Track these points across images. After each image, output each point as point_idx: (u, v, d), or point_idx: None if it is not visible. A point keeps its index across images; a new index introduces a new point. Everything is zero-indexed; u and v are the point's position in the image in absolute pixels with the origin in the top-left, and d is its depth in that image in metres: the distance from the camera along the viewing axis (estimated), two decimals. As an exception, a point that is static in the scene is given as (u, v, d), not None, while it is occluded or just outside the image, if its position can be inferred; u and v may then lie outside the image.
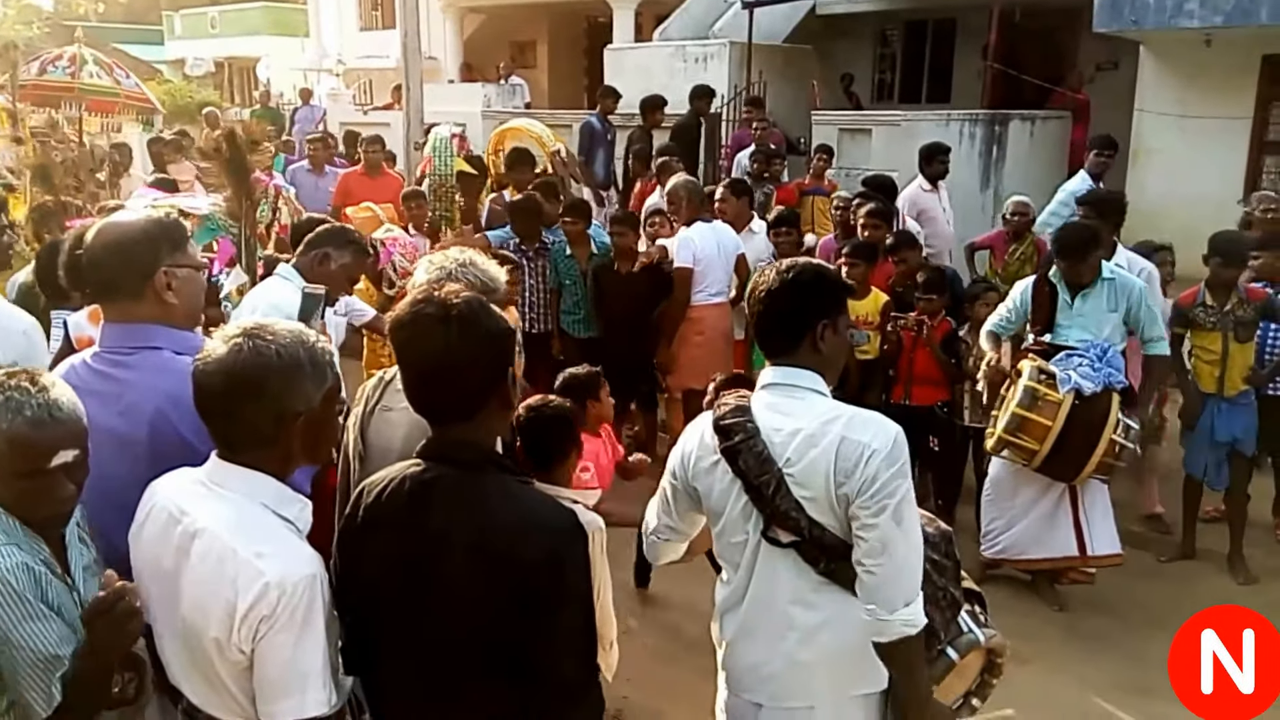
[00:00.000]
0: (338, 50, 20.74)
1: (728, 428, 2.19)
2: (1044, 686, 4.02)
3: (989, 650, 2.43)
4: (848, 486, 2.03)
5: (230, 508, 1.75)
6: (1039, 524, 4.56)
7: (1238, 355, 4.80)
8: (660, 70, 12.63)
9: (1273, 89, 9.99)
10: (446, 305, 1.78)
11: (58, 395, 1.80)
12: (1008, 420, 4.30)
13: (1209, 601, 4.56)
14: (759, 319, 2.25)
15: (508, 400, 1.86)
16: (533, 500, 1.82)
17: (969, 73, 13.20)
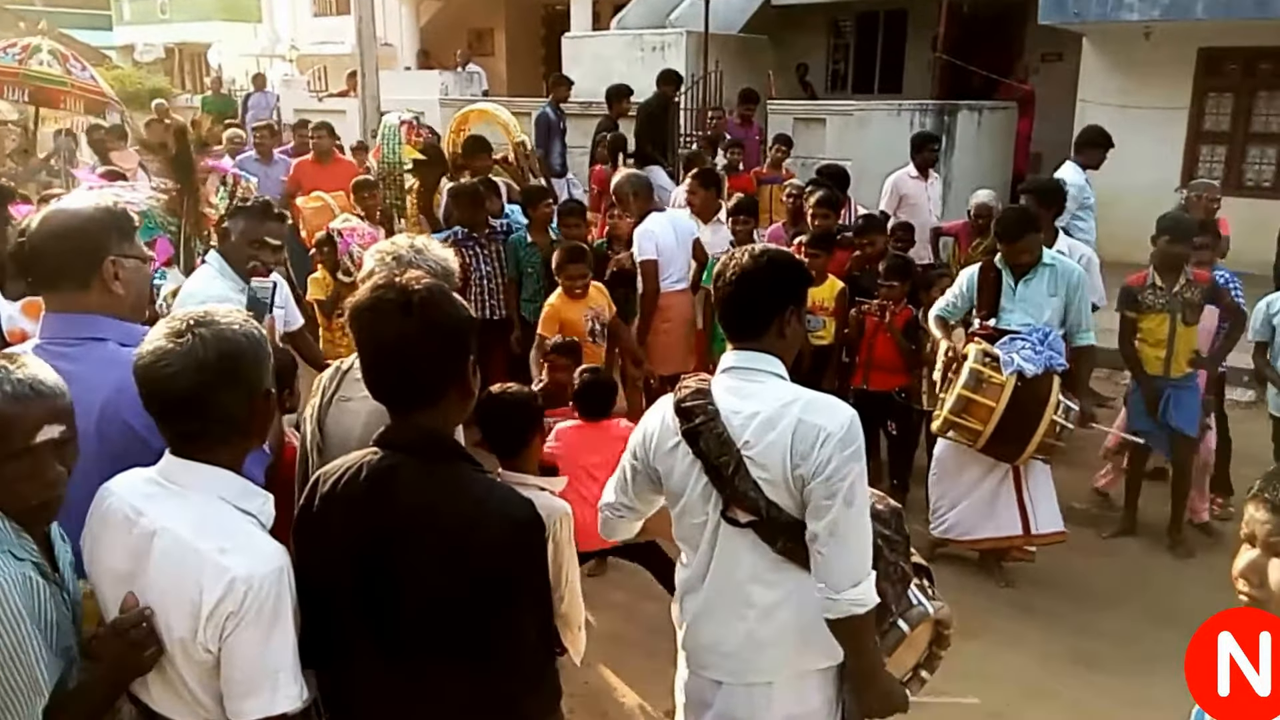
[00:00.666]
0: (291, 36, 20.47)
1: (689, 410, 2.23)
2: (991, 661, 4.15)
3: (937, 622, 2.51)
4: (804, 468, 2.08)
5: (189, 505, 1.71)
6: (984, 504, 4.71)
7: (1184, 338, 4.90)
8: (618, 59, 12.69)
9: (1208, 80, 10.33)
10: (407, 291, 1.75)
11: (37, 371, 1.71)
12: (954, 402, 4.41)
13: (1151, 576, 4.86)
14: (727, 302, 2.27)
15: (468, 389, 1.84)
16: (491, 490, 1.80)
17: (920, 63, 13.44)
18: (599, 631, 3.97)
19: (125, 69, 22.41)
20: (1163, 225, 4.99)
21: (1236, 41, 9.89)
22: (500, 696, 1.76)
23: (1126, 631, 4.38)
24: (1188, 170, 10.43)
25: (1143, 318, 4.96)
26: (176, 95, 18.79)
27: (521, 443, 2.96)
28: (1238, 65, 10.27)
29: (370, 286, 1.81)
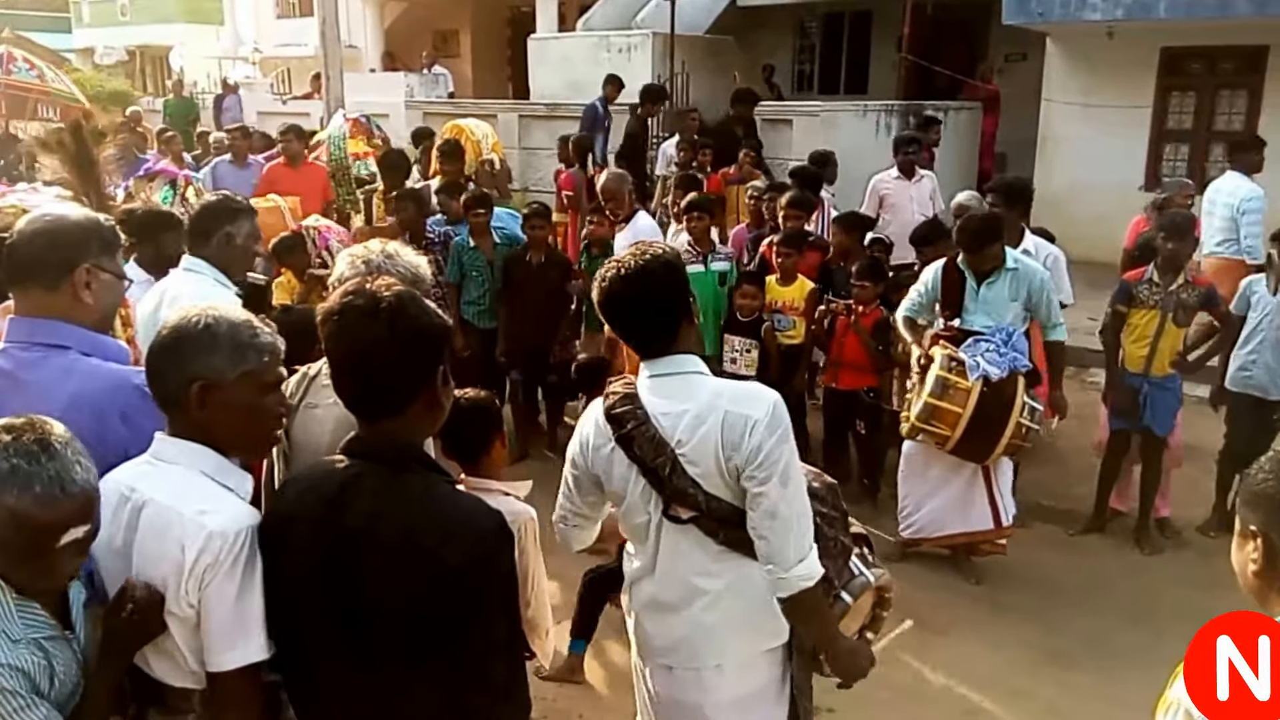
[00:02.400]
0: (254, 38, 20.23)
1: (618, 416, 2.26)
2: (961, 656, 4.17)
3: (879, 588, 2.59)
4: (736, 458, 2.13)
5: (173, 476, 1.82)
6: (956, 499, 4.72)
7: (1169, 337, 4.92)
8: (583, 60, 12.64)
9: (1171, 79, 10.44)
10: (376, 298, 1.75)
11: (69, 461, 1.63)
12: (920, 409, 4.42)
13: (1118, 573, 4.88)
14: (626, 321, 2.27)
15: (437, 398, 1.82)
16: (458, 501, 1.79)
17: (885, 64, 13.49)
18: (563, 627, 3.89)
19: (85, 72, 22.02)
20: (1167, 227, 4.99)
21: (1198, 41, 10.00)
22: (471, 707, 1.75)
23: (1096, 629, 4.39)
24: (1151, 168, 10.53)
25: (1132, 312, 4.97)
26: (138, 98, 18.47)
27: (482, 448, 2.93)
28: (1200, 64, 10.39)
29: (340, 292, 1.80)
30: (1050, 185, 9.97)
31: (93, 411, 2.04)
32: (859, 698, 3.68)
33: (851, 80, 14.59)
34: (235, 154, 8.70)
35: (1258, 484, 1.58)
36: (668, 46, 11.80)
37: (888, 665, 3.72)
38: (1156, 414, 5.00)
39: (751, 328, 5.53)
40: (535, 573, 2.80)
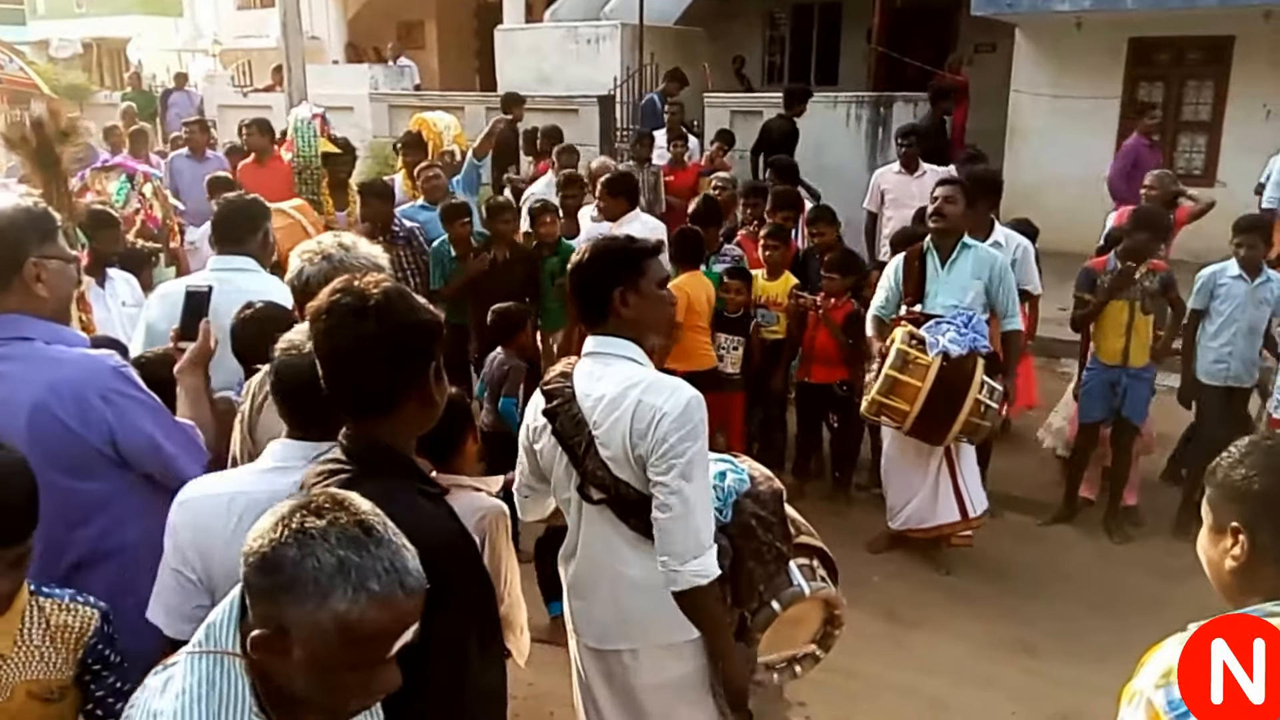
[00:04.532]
0: (213, 30, 19.89)
1: (550, 392, 2.37)
2: (934, 648, 4.17)
3: (826, 603, 2.55)
4: (641, 447, 2.18)
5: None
6: (929, 494, 4.73)
7: (1142, 327, 4.93)
8: (552, 51, 12.53)
9: (1139, 70, 10.48)
10: (365, 295, 1.71)
11: (398, 545, 1.30)
12: (881, 382, 4.42)
13: (1086, 562, 4.87)
14: (570, 295, 2.41)
15: (428, 397, 1.79)
16: (415, 510, 1.70)
17: (855, 55, 13.49)
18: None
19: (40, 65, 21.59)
20: (1137, 218, 5.01)
21: (1166, 31, 10.04)
22: (446, 711, 1.74)
23: (1064, 617, 4.40)
24: (1120, 159, 10.56)
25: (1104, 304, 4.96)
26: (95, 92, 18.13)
27: (453, 445, 2.85)
28: (1167, 55, 10.44)
29: (329, 290, 1.76)
30: (1019, 176, 9.97)
31: (73, 396, 2.11)
32: (831, 690, 3.68)
33: (822, 72, 14.56)
34: (193, 147, 8.52)
35: (1239, 478, 1.55)
36: (637, 37, 11.71)
37: (860, 658, 3.72)
38: (1133, 404, 5.01)
39: (737, 323, 5.46)
40: (508, 568, 2.74)
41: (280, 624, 1.23)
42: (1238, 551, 1.53)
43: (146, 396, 2.25)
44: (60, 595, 1.93)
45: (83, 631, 1.91)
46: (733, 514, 2.45)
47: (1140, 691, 1.49)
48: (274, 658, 1.26)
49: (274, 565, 1.23)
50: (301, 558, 1.22)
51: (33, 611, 1.87)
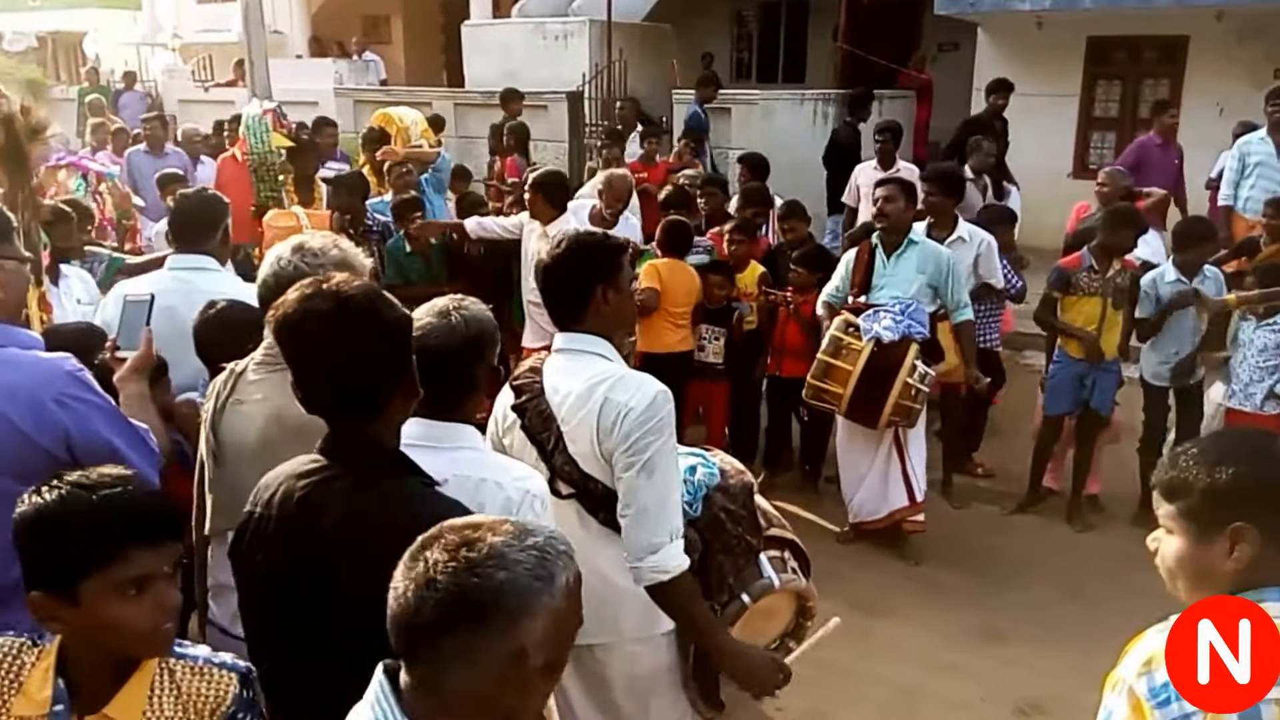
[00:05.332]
0: (173, 23, 19.54)
1: (519, 387, 2.38)
2: (902, 636, 4.24)
3: (797, 595, 2.58)
4: (608, 443, 2.20)
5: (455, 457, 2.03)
6: (879, 481, 4.84)
7: (1112, 322, 5.03)
8: (520, 47, 12.48)
9: (1097, 68, 10.68)
10: (340, 296, 1.68)
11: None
12: (815, 367, 4.63)
13: (1051, 550, 4.98)
14: (544, 291, 2.38)
15: (414, 387, 1.78)
16: (431, 503, 1.72)
17: (822, 53, 13.58)
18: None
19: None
20: (1109, 219, 5.09)
21: (1123, 30, 10.23)
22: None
23: (1030, 604, 4.49)
24: (1079, 156, 10.77)
25: (1076, 301, 5.05)
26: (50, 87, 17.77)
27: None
28: (1124, 53, 10.63)
29: (298, 295, 1.71)
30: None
31: (29, 400, 2.10)
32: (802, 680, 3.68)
33: (789, 69, 14.65)
34: (151, 143, 8.41)
35: (1228, 478, 1.50)
36: (605, 34, 11.70)
37: (831, 648, 3.76)
38: (1101, 396, 5.12)
39: (719, 316, 5.52)
40: None
41: (521, 646, 1.22)
42: (1242, 551, 1.50)
43: (102, 400, 2.24)
44: (194, 657, 1.68)
45: (219, 701, 1.65)
46: (703, 508, 2.47)
47: (1123, 679, 1.52)
48: (523, 686, 1.25)
49: (475, 603, 1.19)
50: (500, 582, 1.20)
51: (163, 677, 1.62)
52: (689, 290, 5.34)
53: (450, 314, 2.01)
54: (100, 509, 1.50)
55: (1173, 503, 1.57)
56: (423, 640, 1.22)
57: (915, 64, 11.87)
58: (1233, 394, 4.96)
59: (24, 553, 1.51)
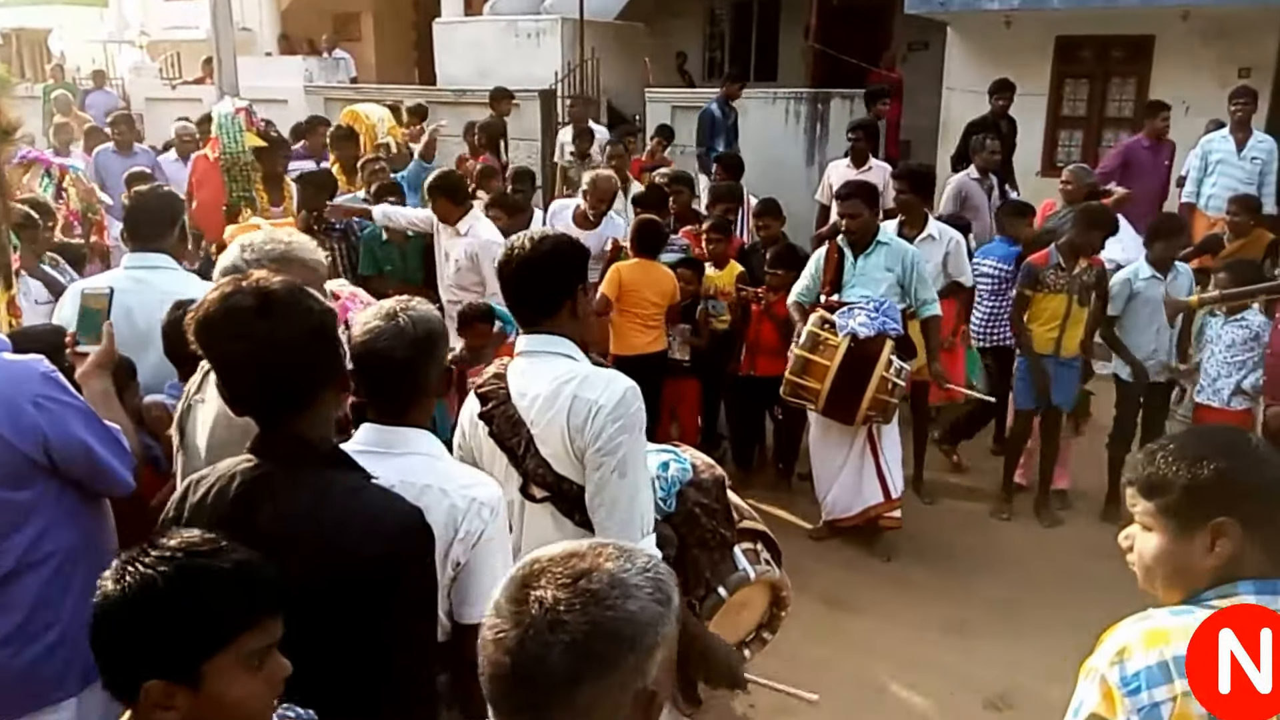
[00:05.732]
0: (140, 20, 19.29)
1: (484, 394, 2.35)
2: (872, 632, 4.28)
3: (772, 586, 2.60)
4: (579, 442, 2.19)
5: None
6: (853, 479, 4.87)
7: (1077, 319, 5.09)
8: (492, 45, 12.43)
9: (1066, 67, 10.75)
10: (263, 294, 1.66)
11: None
12: (793, 362, 4.66)
13: (1019, 544, 5.02)
14: (515, 289, 2.32)
15: (346, 381, 1.79)
16: (374, 497, 1.73)
17: (793, 52, 13.62)
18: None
19: (-44, 56, 20.80)
20: (1081, 218, 5.13)
21: (1091, 30, 10.31)
22: (387, 711, 1.71)
23: (998, 599, 4.53)
24: (1048, 154, 10.84)
25: (1042, 297, 5.09)
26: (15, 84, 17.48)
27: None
28: (1091, 52, 10.72)
29: (218, 294, 1.69)
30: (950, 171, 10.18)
31: (6, 403, 2.08)
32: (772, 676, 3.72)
33: (761, 68, 14.68)
34: (119, 143, 8.31)
35: (1211, 473, 1.51)
36: (577, 32, 11.68)
37: (802, 644, 3.80)
38: (1062, 391, 5.18)
39: (687, 312, 5.51)
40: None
41: (649, 685, 1.12)
42: (1224, 546, 1.51)
43: (77, 401, 2.22)
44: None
45: None
46: (676, 503, 2.48)
47: (1095, 668, 1.53)
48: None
49: (612, 640, 1.08)
50: (632, 613, 1.10)
51: None
52: (661, 291, 5.31)
53: (397, 315, 1.98)
54: (234, 579, 1.35)
55: (1152, 499, 1.57)
56: (554, 694, 1.06)
57: (886, 63, 11.94)
58: (1201, 389, 5.01)
59: (131, 640, 1.31)
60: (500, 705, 1.10)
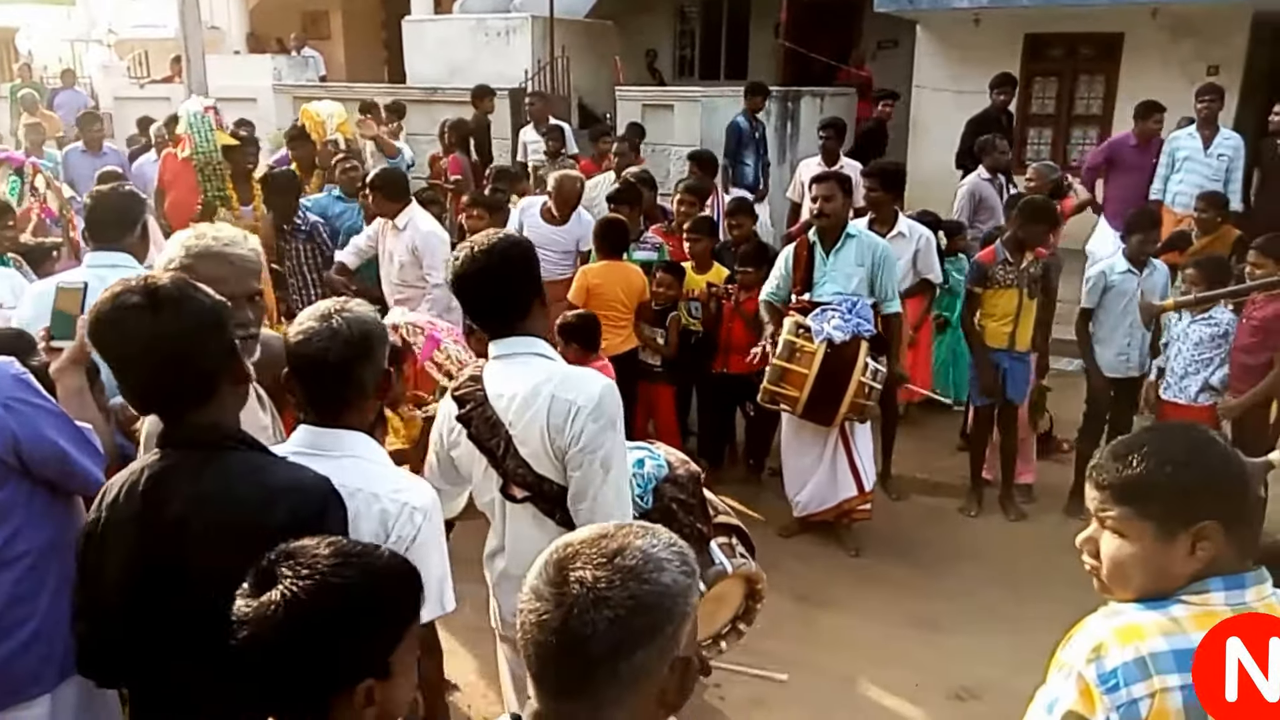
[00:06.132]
0: (108, 19, 19.06)
1: (461, 397, 2.34)
2: (845, 628, 4.29)
3: (747, 579, 2.63)
4: (559, 441, 2.19)
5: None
6: (827, 474, 4.88)
7: (1028, 312, 5.13)
8: (461, 44, 12.37)
9: (1034, 65, 10.85)
10: (152, 290, 1.70)
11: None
12: (770, 372, 4.62)
13: (985, 539, 5.05)
14: (481, 302, 2.31)
15: (242, 371, 1.82)
16: (280, 470, 1.78)
17: (764, 50, 13.65)
18: (459, 623, 3.65)
19: (-81, 55, 20.44)
20: (1024, 211, 5.14)
21: (1059, 28, 10.41)
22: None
23: (965, 593, 4.55)
24: (1017, 152, 10.90)
25: (994, 293, 5.12)
26: (-20, 83, 17.21)
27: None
28: (1060, 50, 10.82)
29: (109, 295, 1.73)
30: (920, 168, 10.22)
31: None
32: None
33: (731, 66, 14.70)
34: (88, 142, 8.22)
35: (1192, 478, 1.50)
36: (547, 30, 11.65)
37: (772, 639, 3.80)
38: (1015, 385, 5.21)
39: (663, 316, 5.49)
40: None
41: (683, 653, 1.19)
42: (1205, 549, 1.50)
43: (48, 403, 2.21)
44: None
45: None
46: (653, 499, 2.52)
47: (1070, 664, 1.53)
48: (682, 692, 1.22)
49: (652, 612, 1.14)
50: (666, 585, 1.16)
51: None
52: (628, 290, 5.29)
53: (331, 317, 1.98)
54: (400, 570, 1.42)
55: (1128, 504, 1.54)
56: (600, 668, 1.12)
57: (855, 61, 11.99)
58: (1168, 386, 5.03)
59: (335, 647, 1.32)
60: (546, 683, 1.15)
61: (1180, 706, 1.45)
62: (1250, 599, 1.50)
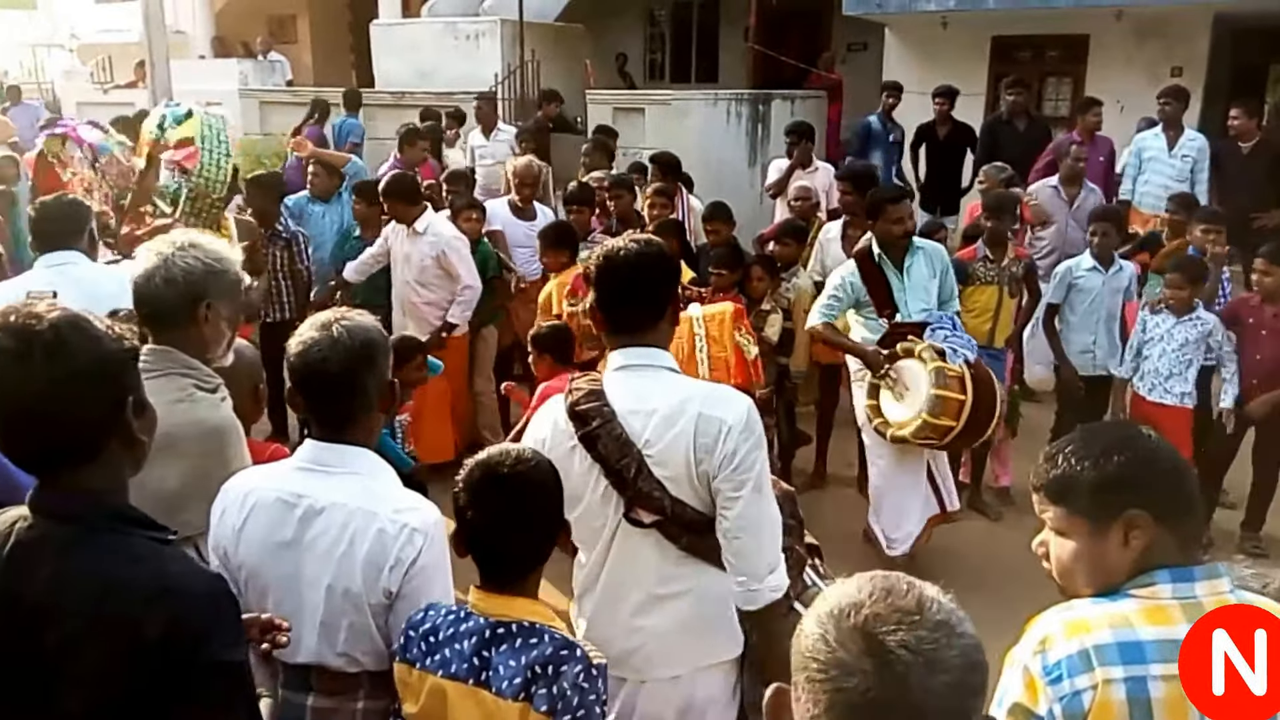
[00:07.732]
0: (71, 24, 18.80)
1: (583, 413, 2.15)
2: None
3: None
4: (708, 463, 2.06)
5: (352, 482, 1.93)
6: (916, 499, 4.68)
7: (1007, 309, 5.17)
8: (430, 47, 12.29)
9: (1002, 67, 10.92)
10: (27, 333, 1.43)
11: None
12: (929, 403, 4.22)
13: (962, 541, 5.03)
14: (624, 295, 2.18)
15: (133, 434, 1.53)
16: (166, 564, 1.49)
17: (734, 53, 13.66)
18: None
19: (-125, 60, 20.03)
20: (987, 205, 5.25)
21: (1026, 30, 10.50)
22: None
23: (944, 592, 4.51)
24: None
25: (974, 290, 5.13)
26: (-63, 89, 16.88)
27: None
28: (1028, 53, 10.91)
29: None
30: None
31: None
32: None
33: (702, 69, 14.71)
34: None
35: (1114, 468, 1.54)
36: (517, 33, 11.58)
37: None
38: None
39: None
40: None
41: None
42: (1137, 538, 1.53)
43: None
44: None
45: None
46: None
47: (1018, 658, 1.55)
48: None
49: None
50: (973, 631, 1.09)
51: None
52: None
53: (332, 326, 1.91)
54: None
55: (1061, 503, 1.60)
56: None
57: (825, 64, 12.01)
58: (1152, 387, 5.02)
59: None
60: None
61: (1124, 698, 1.46)
62: (1200, 593, 1.51)
